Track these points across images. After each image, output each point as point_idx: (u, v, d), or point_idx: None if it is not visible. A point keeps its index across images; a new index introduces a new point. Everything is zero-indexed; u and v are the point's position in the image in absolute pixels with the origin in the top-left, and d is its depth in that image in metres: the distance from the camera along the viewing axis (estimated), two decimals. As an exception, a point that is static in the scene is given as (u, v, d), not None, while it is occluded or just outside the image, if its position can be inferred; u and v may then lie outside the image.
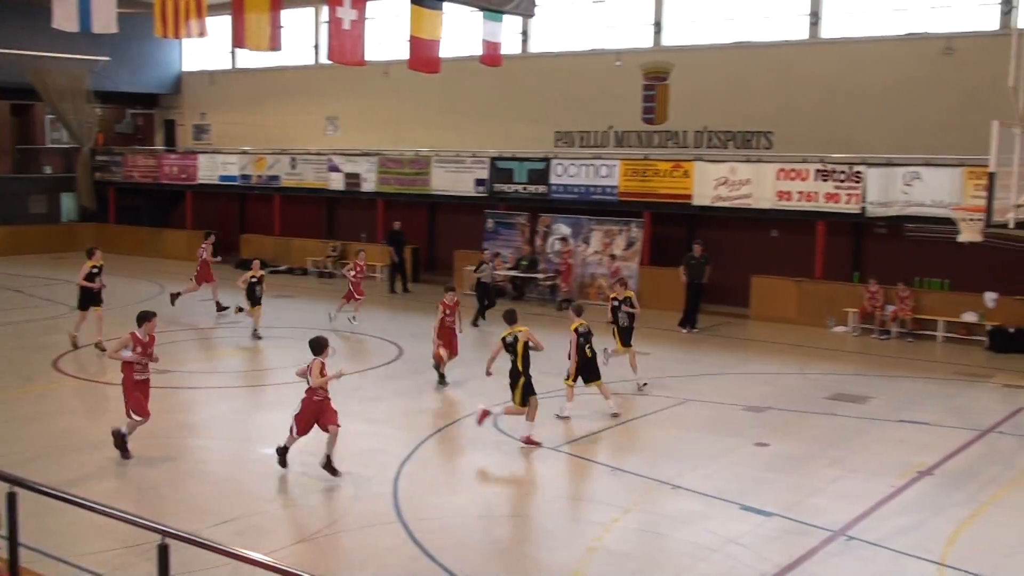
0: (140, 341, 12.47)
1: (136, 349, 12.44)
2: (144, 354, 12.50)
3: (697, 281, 23.31)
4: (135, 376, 12.49)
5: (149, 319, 12.69)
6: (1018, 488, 12.22)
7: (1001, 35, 22.66)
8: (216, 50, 40.57)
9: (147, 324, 12.62)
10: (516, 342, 13.80)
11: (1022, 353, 21.09)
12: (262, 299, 21.55)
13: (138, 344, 12.45)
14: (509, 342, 13.92)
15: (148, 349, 12.56)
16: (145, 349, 12.51)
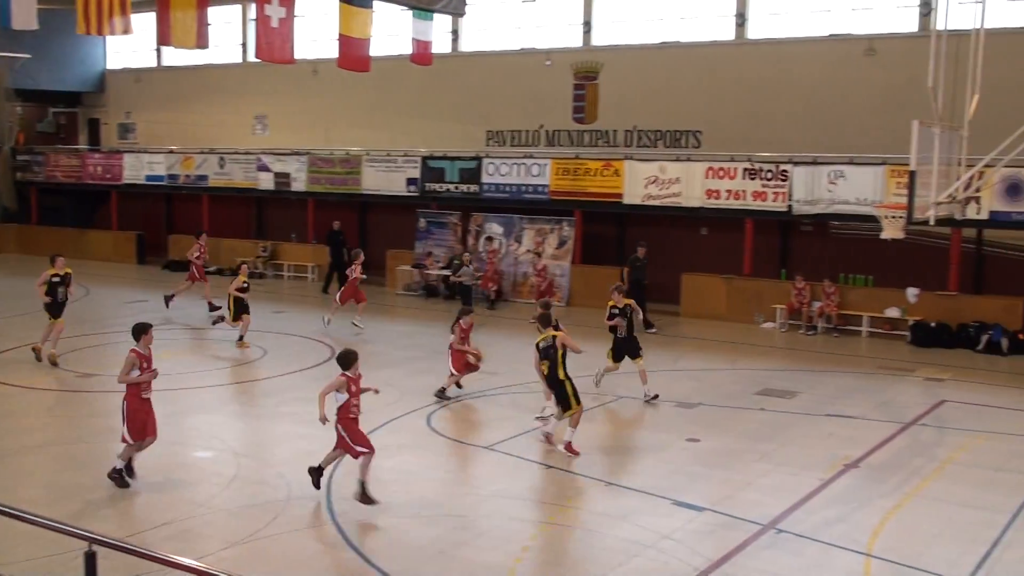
0: (144, 357, 11.59)
1: (143, 366, 11.56)
2: (150, 370, 11.62)
3: (644, 281, 23.38)
4: (142, 395, 11.59)
5: (146, 331, 11.75)
6: (940, 479, 12.54)
7: (920, 36, 23.22)
8: (141, 47, 39.90)
9: (145, 337, 11.69)
10: (553, 347, 13.21)
11: (943, 347, 21.66)
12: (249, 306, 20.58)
13: (143, 360, 11.58)
14: (545, 347, 13.28)
15: (151, 364, 11.71)
16: (149, 364, 11.66)
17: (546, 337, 13.27)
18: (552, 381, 13.16)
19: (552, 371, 13.11)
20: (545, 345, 13.21)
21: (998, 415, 15.87)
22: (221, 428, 14.30)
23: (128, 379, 11.51)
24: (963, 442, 14.22)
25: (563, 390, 13.13)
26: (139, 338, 11.69)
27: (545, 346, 13.21)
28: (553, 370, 13.11)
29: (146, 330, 11.78)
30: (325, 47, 33.84)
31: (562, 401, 13.17)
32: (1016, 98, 20.71)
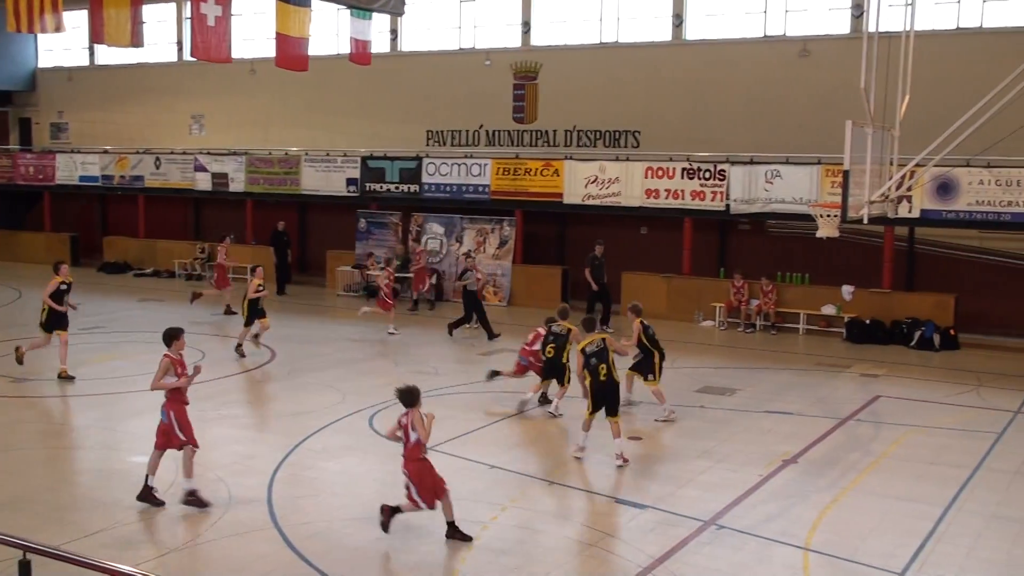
0: (178, 362, 11.27)
1: (178, 372, 11.23)
2: (184, 374, 11.25)
3: (602, 281, 23.50)
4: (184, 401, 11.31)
5: (178, 336, 11.35)
6: (875, 473, 12.78)
7: (853, 38, 23.65)
8: (74, 46, 39.18)
9: (177, 342, 11.32)
10: (604, 350, 12.89)
11: (877, 343, 22.08)
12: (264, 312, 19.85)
13: (177, 365, 11.25)
14: (593, 351, 12.90)
15: (185, 368, 11.33)
16: (184, 369, 11.30)
17: (594, 341, 12.99)
18: (608, 386, 12.84)
19: (599, 376, 12.80)
20: (597, 349, 12.88)
21: (931, 409, 16.22)
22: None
23: (163, 386, 11.18)
24: (898, 436, 14.51)
25: (617, 394, 12.99)
26: (171, 343, 11.34)
27: (597, 350, 12.87)
28: (609, 374, 12.82)
29: (178, 335, 11.41)
30: (262, 46, 33.59)
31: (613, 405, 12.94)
32: (945, 99, 21.13)
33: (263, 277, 20.34)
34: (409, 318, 24.84)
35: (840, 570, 9.69)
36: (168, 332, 11.45)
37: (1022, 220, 21.22)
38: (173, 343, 11.34)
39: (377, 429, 14.31)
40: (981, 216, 21.55)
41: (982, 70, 21.69)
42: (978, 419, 15.62)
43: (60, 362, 17.21)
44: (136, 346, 20.31)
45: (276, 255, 28.80)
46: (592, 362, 12.87)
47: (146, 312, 24.88)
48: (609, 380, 12.85)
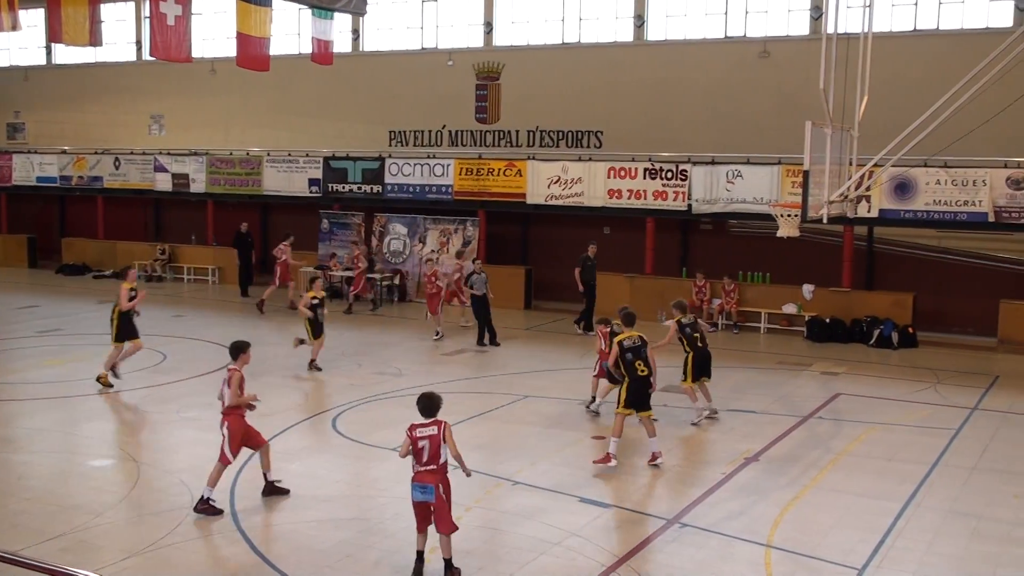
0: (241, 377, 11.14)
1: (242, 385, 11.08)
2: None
3: (592, 282, 23.30)
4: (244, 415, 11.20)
5: (245, 350, 11.23)
6: (836, 470, 12.91)
7: (812, 39, 23.88)
8: (31, 45, 38.71)
9: (243, 356, 11.21)
10: (642, 347, 12.90)
11: (838, 342, 22.31)
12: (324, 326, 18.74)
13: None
14: (630, 346, 12.88)
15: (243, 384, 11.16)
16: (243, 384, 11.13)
17: (632, 336, 12.98)
18: (644, 383, 12.87)
19: (638, 374, 12.82)
20: (634, 345, 12.89)
21: (890, 407, 16.42)
22: (119, 436, 13.96)
23: (241, 400, 11.03)
24: (858, 434, 14.66)
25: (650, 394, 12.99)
26: (237, 356, 11.22)
27: (635, 346, 12.88)
28: (646, 373, 12.86)
29: (245, 349, 11.26)
30: (223, 45, 33.41)
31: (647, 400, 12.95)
32: (903, 99, 21.43)
33: (320, 289, 18.85)
34: (371, 319, 24.78)
35: (802, 566, 9.78)
36: (236, 345, 11.30)
37: (978, 220, 21.53)
38: (240, 356, 11.22)
39: (341, 430, 14.27)
40: (938, 216, 21.83)
41: (939, 71, 22.05)
42: (936, 416, 15.83)
43: (103, 367, 16.81)
44: (95, 349, 20.07)
45: (239, 256, 28.58)
46: (628, 357, 12.87)
47: (105, 314, 24.56)
48: (645, 377, 12.87)
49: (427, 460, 9.12)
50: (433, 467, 9.12)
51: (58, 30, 19.59)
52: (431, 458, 9.13)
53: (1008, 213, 21.20)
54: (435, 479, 9.10)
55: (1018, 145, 21.84)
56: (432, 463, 9.12)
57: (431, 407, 9.32)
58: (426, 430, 9.18)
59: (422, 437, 9.15)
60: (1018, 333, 21.55)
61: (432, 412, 9.30)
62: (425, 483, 9.10)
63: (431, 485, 9.09)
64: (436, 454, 9.14)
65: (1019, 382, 18.62)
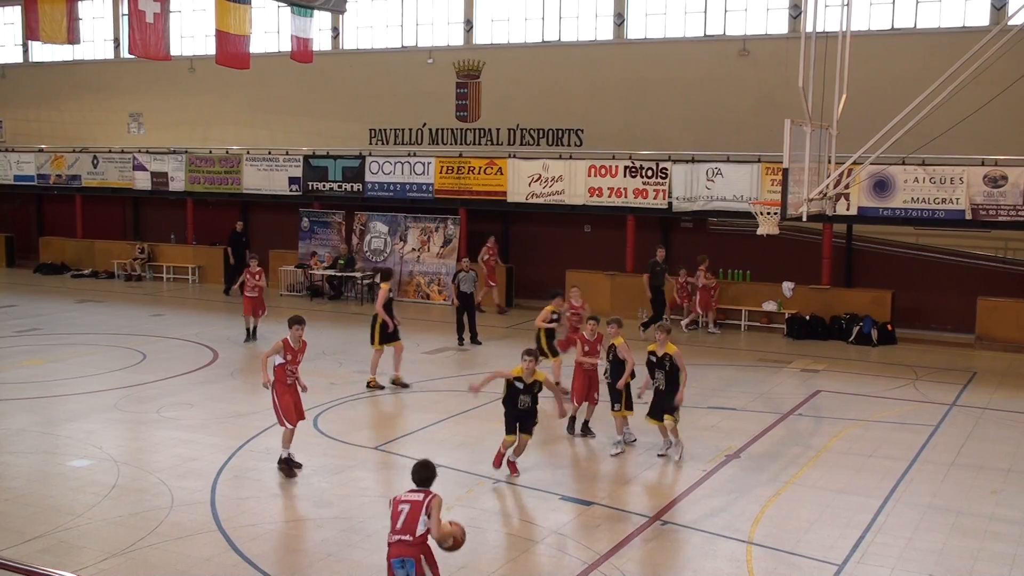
0: (289, 347, 12.30)
1: (286, 356, 12.25)
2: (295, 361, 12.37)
3: (662, 287, 22.73)
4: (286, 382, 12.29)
5: (292, 324, 12.42)
6: (816, 467, 12.98)
7: (791, 38, 23.97)
8: (7, 42, 38.43)
9: (292, 329, 12.38)
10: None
11: (817, 339, 22.42)
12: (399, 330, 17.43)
13: (288, 351, 12.28)
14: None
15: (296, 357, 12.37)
16: (295, 357, 12.34)
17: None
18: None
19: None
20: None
21: (869, 403, 16.51)
22: (99, 436, 13.87)
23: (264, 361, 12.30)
24: (838, 430, 14.74)
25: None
26: (290, 328, 12.36)
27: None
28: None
29: (292, 323, 12.38)
30: (202, 43, 33.27)
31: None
32: (881, 98, 21.57)
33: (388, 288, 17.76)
34: (354, 318, 24.72)
35: (782, 562, 9.83)
36: (290, 318, 12.53)
37: (956, 217, 21.69)
38: (292, 328, 12.31)
39: (322, 429, 14.24)
40: (916, 213, 21.98)
41: (916, 70, 22.21)
42: (915, 412, 15.94)
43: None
44: (74, 348, 19.97)
45: (233, 255, 28.40)
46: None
47: (84, 314, 24.47)
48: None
49: (401, 528, 7.99)
50: (408, 538, 7.96)
51: (35, 28, 19.46)
52: (405, 527, 7.98)
53: (985, 211, 21.35)
54: (414, 552, 7.97)
55: (995, 143, 22.01)
56: (407, 533, 7.97)
57: (427, 478, 8.33)
58: (412, 495, 8.18)
59: (404, 501, 8.13)
60: (995, 330, 21.72)
61: (427, 483, 8.30)
62: (404, 556, 7.96)
63: (411, 559, 7.96)
64: (413, 525, 7.99)
65: (997, 378, 18.77)
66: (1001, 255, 23.85)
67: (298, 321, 12.44)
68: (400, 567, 7.98)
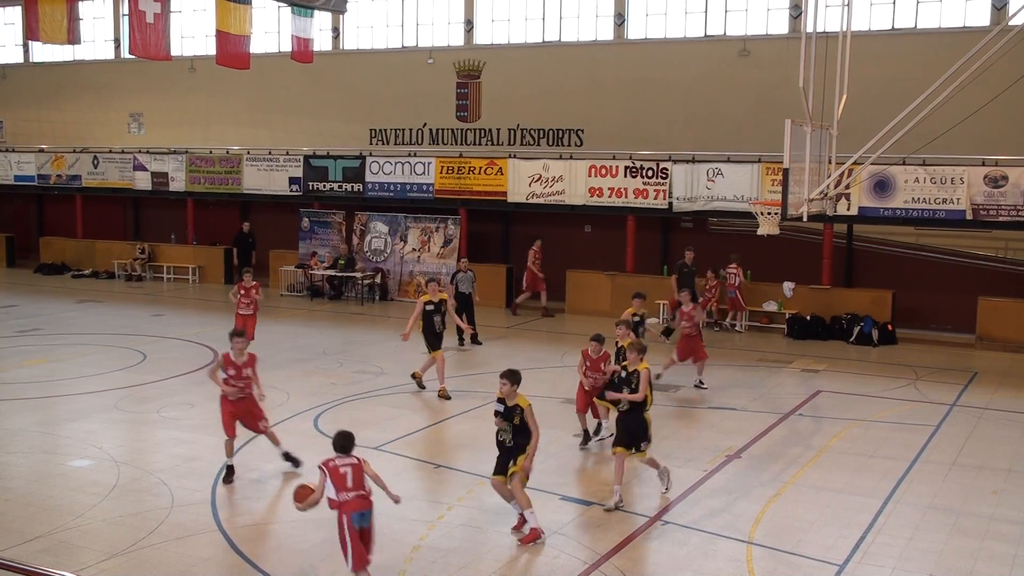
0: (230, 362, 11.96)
1: (228, 371, 11.92)
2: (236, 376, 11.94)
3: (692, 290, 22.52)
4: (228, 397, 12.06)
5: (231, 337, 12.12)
6: (817, 467, 12.97)
7: (792, 38, 23.99)
8: (8, 42, 38.45)
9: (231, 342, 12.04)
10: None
11: (818, 339, 22.41)
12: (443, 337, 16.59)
13: (229, 366, 11.95)
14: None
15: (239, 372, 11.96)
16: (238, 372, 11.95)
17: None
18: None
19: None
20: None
21: (870, 403, 16.51)
22: (99, 436, 13.87)
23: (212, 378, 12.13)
24: (838, 430, 14.73)
25: None
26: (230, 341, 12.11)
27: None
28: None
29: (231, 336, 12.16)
30: (202, 43, 33.28)
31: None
32: (881, 98, 21.57)
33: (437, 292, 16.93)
34: (353, 318, 24.74)
35: (783, 562, 9.83)
36: (231, 332, 12.40)
37: (956, 217, 21.69)
38: (232, 341, 12.06)
39: (323, 430, 14.24)
40: (917, 213, 21.98)
41: (917, 70, 22.21)
42: (915, 412, 15.93)
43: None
44: (74, 348, 19.97)
45: (240, 256, 28.36)
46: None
47: (84, 314, 24.47)
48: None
49: (353, 485, 8.68)
50: (362, 492, 8.71)
51: (35, 28, 19.47)
52: (357, 483, 8.70)
53: (986, 211, 21.35)
54: (369, 505, 8.73)
55: (995, 143, 22.02)
56: (360, 488, 8.71)
57: (348, 445, 8.94)
58: (345, 459, 8.82)
59: (343, 465, 8.76)
60: (996, 330, 21.71)
61: (349, 450, 8.93)
62: (363, 510, 8.67)
63: (368, 511, 8.71)
64: (362, 480, 8.75)
65: (997, 378, 18.76)
66: (1002, 255, 23.86)
67: (237, 335, 12.21)
68: (359, 520, 8.66)
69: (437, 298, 16.60)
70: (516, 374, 10.37)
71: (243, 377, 11.97)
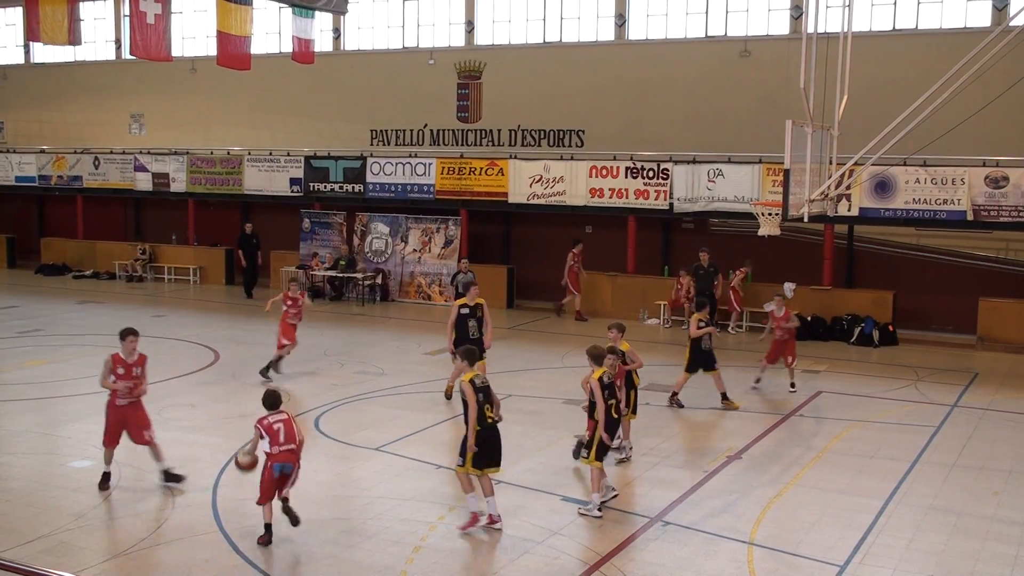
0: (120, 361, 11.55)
1: (116, 371, 11.49)
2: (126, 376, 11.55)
3: (709, 291, 22.34)
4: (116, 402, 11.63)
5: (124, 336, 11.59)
6: (818, 467, 12.97)
7: (793, 39, 23.99)
8: (8, 43, 38.45)
9: (124, 342, 11.56)
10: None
11: (819, 340, 22.41)
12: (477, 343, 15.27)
13: (118, 365, 11.52)
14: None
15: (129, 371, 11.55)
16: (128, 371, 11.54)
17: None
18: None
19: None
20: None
21: (871, 404, 16.50)
22: (100, 437, 13.85)
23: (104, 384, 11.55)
24: (839, 431, 14.73)
25: None
26: (122, 341, 11.60)
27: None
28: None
29: (124, 335, 11.64)
30: (203, 44, 33.28)
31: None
32: (882, 99, 21.55)
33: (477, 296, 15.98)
34: (354, 319, 24.74)
35: (784, 563, 9.82)
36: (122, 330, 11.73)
37: (957, 218, 21.69)
38: (125, 340, 11.58)
39: (324, 430, 14.24)
40: (918, 214, 21.97)
41: (918, 70, 22.20)
42: (916, 413, 15.93)
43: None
44: (75, 349, 19.97)
45: (244, 258, 28.33)
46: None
47: (85, 315, 24.48)
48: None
49: (284, 440, 10.02)
50: (292, 446, 10.05)
51: (36, 29, 19.47)
52: (288, 438, 10.04)
53: (987, 211, 21.35)
54: (295, 458, 10.09)
55: (996, 144, 22.00)
56: (291, 443, 10.05)
57: (276, 402, 10.24)
58: (277, 416, 10.14)
59: (276, 422, 10.07)
60: (997, 330, 21.71)
61: (277, 405, 10.22)
62: (287, 463, 10.04)
63: (290, 464, 10.06)
64: (293, 435, 10.09)
65: (998, 379, 18.76)
66: (1002, 256, 23.85)
67: (132, 333, 11.69)
68: (280, 469, 10.03)
69: (473, 302, 15.85)
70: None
71: (132, 376, 11.54)
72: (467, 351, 10.94)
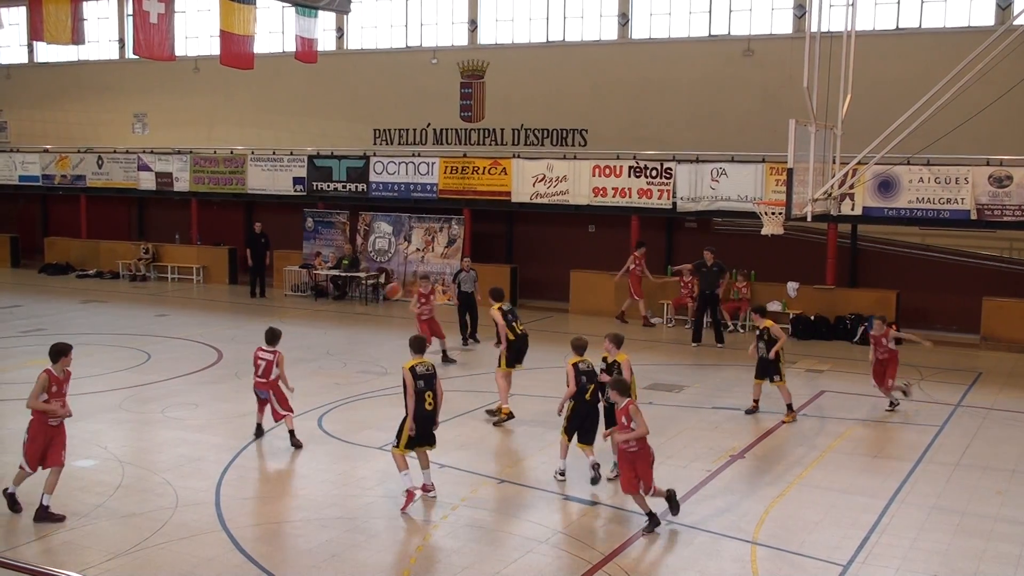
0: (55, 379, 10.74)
1: (51, 390, 10.66)
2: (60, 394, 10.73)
3: (709, 291, 21.83)
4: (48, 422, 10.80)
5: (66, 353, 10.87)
6: (821, 467, 12.96)
7: (796, 38, 23.90)
8: (12, 43, 38.50)
9: (64, 359, 10.81)
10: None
11: (822, 339, 22.39)
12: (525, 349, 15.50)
13: (54, 383, 10.72)
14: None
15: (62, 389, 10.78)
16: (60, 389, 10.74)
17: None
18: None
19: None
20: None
21: (874, 403, 16.47)
22: (103, 436, 13.90)
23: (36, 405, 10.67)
24: (842, 430, 14.72)
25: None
26: (56, 360, 10.80)
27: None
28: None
29: (66, 352, 10.89)
30: (206, 44, 33.31)
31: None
32: (885, 98, 21.53)
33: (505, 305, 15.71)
34: (357, 318, 24.75)
35: (787, 563, 9.82)
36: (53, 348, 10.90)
37: (961, 217, 21.65)
38: (61, 359, 10.84)
39: (326, 429, 14.25)
40: (921, 213, 21.94)
41: (921, 70, 22.17)
42: (920, 413, 15.91)
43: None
44: (78, 348, 19.92)
45: (252, 257, 28.28)
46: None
47: (89, 314, 24.50)
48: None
49: (261, 374, 13.17)
50: (265, 380, 13.15)
51: (40, 28, 19.50)
52: (264, 373, 13.13)
53: (990, 211, 21.31)
54: (267, 388, 13.17)
55: (1000, 143, 21.98)
56: (264, 376, 13.14)
57: (270, 339, 13.18)
58: (266, 354, 13.14)
59: (262, 358, 13.16)
60: (1000, 330, 21.68)
61: (272, 342, 13.15)
62: (262, 389, 13.23)
63: (266, 392, 13.18)
64: (268, 371, 13.10)
65: (1002, 378, 18.73)
66: (1006, 255, 23.82)
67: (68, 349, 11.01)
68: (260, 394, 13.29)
69: (508, 306, 15.75)
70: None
71: (63, 394, 10.81)
72: (415, 340, 11.76)
